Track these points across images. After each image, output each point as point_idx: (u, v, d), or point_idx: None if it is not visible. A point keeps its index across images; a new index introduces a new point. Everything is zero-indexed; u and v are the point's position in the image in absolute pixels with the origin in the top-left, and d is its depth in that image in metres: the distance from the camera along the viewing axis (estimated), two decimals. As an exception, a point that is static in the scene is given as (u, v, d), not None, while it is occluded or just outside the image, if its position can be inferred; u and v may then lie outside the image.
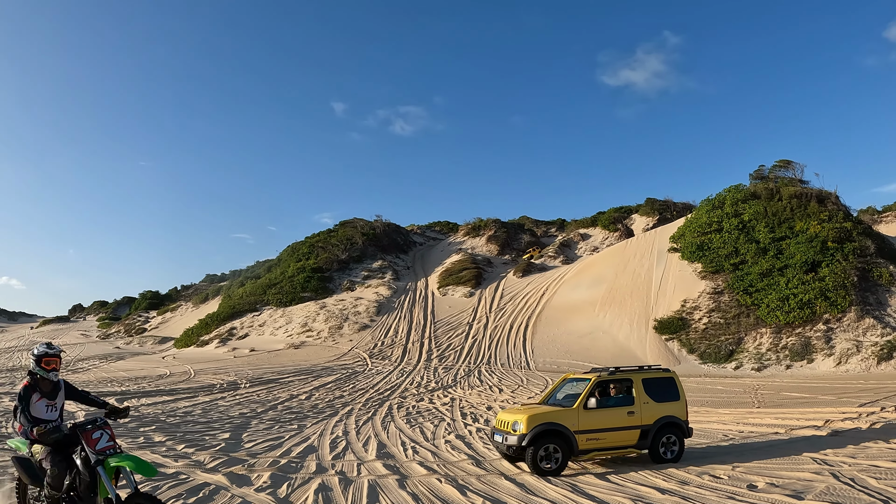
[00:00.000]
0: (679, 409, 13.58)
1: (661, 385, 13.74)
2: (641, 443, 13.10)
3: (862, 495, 9.20)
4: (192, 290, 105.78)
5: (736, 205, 51.15)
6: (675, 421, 13.38)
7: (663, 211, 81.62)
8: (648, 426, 13.15)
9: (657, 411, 13.30)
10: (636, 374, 13.71)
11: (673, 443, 13.30)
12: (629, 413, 13.15)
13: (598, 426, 12.79)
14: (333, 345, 51.86)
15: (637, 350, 41.89)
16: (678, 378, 14.04)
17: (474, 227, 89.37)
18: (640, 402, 13.29)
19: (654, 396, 13.45)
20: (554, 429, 12.46)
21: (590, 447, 12.70)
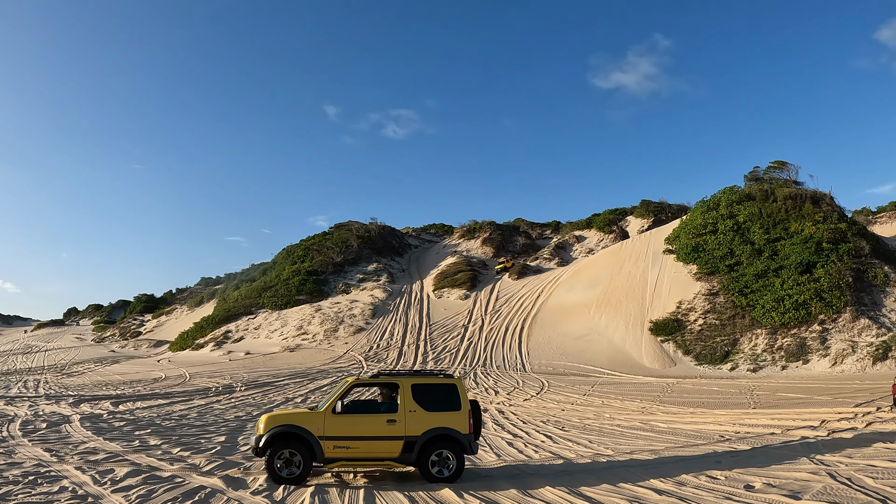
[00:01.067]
0: (458, 421, 11.85)
1: (438, 392, 12.11)
2: (405, 456, 11.60)
3: (859, 495, 9.19)
4: (187, 294, 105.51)
5: (731, 206, 51.24)
6: (451, 434, 11.73)
7: (658, 213, 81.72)
8: (414, 438, 11.63)
9: (427, 422, 11.73)
10: (405, 379, 12.16)
11: (447, 459, 11.68)
12: (389, 421, 11.71)
13: (348, 433, 11.52)
14: (329, 347, 51.77)
15: (633, 352, 41.91)
16: (462, 386, 12.30)
17: (469, 230, 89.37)
18: (406, 411, 11.78)
19: (424, 405, 11.87)
20: (293, 432, 11.39)
21: (338, 455, 11.48)
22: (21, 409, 23.15)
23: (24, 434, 16.84)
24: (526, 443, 16.13)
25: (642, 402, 24.47)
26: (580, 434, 17.31)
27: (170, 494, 10.13)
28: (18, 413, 21.67)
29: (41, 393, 31.01)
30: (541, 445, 15.68)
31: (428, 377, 12.36)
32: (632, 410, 22.36)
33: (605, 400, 25.87)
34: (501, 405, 25.22)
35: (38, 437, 16.47)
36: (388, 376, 12.37)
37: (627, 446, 15.09)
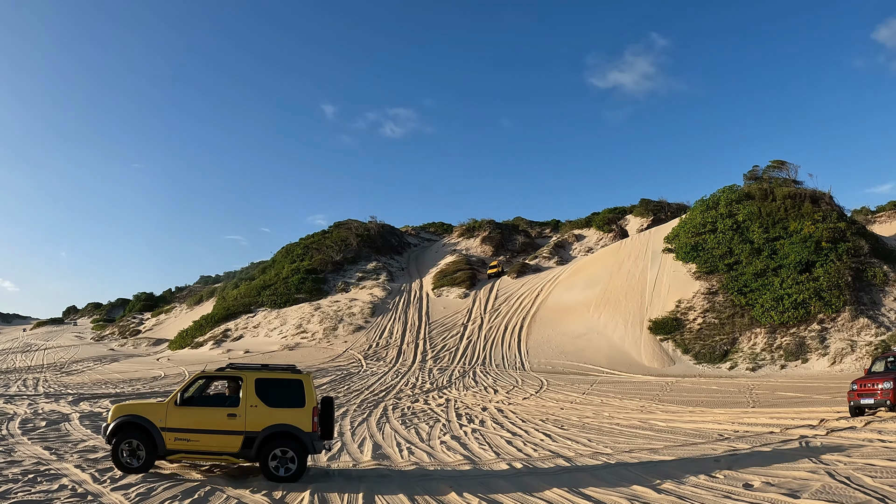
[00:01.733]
0: (301, 419, 11.56)
1: (281, 388, 11.87)
2: (245, 452, 11.39)
3: (858, 493, 9.21)
4: (186, 292, 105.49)
5: (730, 205, 51.26)
6: (292, 431, 11.47)
7: (657, 212, 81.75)
8: (255, 433, 11.42)
9: (268, 418, 11.54)
10: (249, 373, 11.98)
11: (290, 458, 11.41)
12: (230, 416, 11.54)
13: (190, 426, 11.39)
14: (328, 346, 51.77)
15: (632, 351, 41.93)
16: (310, 382, 12.02)
17: (469, 229, 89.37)
18: (247, 405, 11.60)
19: (267, 400, 11.67)
20: (136, 422, 11.33)
21: (179, 448, 11.37)
22: (20, 407, 23.15)
23: (23, 432, 16.84)
24: (525, 441, 16.15)
25: (641, 401, 24.49)
26: (579, 433, 17.32)
27: (169, 492, 10.13)
28: (18, 411, 21.67)
29: (40, 391, 31.00)
30: (540, 444, 15.69)
31: (274, 372, 12.13)
32: (631, 409, 22.38)
33: (604, 399, 25.89)
34: (500, 404, 25.24)
35: (37, 435, 16.47)
36: (234, 369, 12.23)
37: (626, 445, 15.11)
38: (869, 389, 17.69)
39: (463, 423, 19.97)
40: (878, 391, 17.37)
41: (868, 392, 17.68)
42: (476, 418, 21.22)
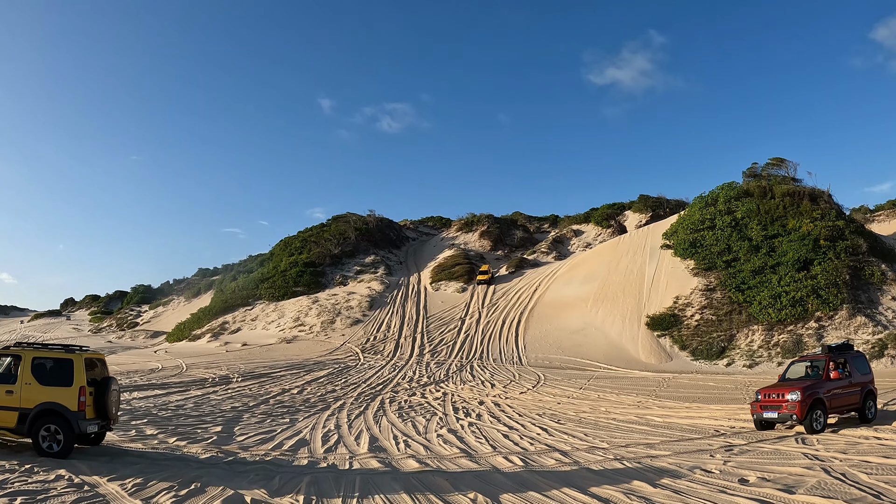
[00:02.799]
0: (68, 397, 11.82)
1: (54, 367, 12.16)
2: (20, 427, 11.70)
3: (853, 490, 9.23)
4: (184, 285, 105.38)
5: (729, 202, 51.28)
6: (58, 409, 11.72)
7: (656, 208, 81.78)
8: (28, 410, 11.69)
9: (40, 395, 11.82)
10: (28, 351, 12.30)
11: (56, 433, 11.71)
12: (7, 392, 11.82)
13: None
14: (325, 339, 51.79)
15: (629, 346, 41.98)
16: (80, 363, 12.22)
17: (467, 223, 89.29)
18: (23, 382, 11.91)
19: (40, 378, 11.98)
20: None
21: None
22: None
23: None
24: (521, 435, 16.18)
25: (638, 397, 24.54)
26: (576, 427, 17.35)
27: (166, 483, 10.15)
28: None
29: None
30: (536, 438, 15.72)
31: (49, 351, 12.50)
32: (627, 404, 22.42)
33: (600, 394, 25.93)
34: (498, 398, 25.27)
35: (34, 425, 16.45)
36: (16, 348, 12.50)
37: (623, 440, 15.14)
38: (773, 401, 15.61)
39: (460, 417, 20.00)
40: (784, 404, 15.29)
41: (772, 404, 15.58)
42: (473, 412, 21.25)
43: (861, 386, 16.74)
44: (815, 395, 15.45)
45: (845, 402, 16.35)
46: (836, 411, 16.25)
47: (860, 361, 17.64)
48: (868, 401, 16.74)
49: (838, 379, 16.35)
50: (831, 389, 15.94)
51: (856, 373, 16.93)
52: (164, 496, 9.39)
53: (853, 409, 16.59)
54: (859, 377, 16.93)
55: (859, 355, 17.99)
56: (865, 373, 17.27)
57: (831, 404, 15.81)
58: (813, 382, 15.92)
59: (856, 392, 16.56)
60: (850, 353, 17.70)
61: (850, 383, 16.53)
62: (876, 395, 17.26)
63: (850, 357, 17.40)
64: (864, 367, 17.48)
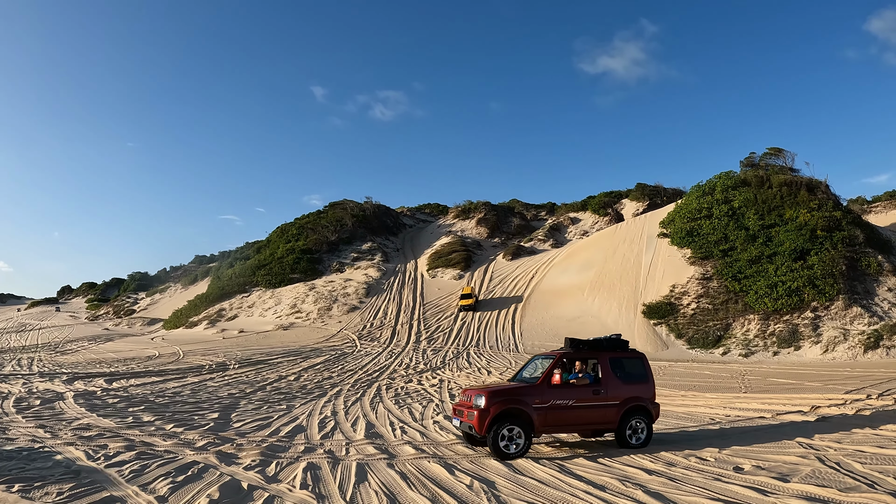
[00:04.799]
0: None
1: None
2: None
3: (847, 479, 9.28)
4: (180, 272, 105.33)
5: (726, 191, 51.29)
6: None
7: (653, 196, 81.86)
8: None
9: None
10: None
11: None
12: None
13: None
14: (322, 326, 51.84)
15: (625, 334, 42.07)
16: None
17: (464, 210, 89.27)
18: None
19: None
20: None
21: None
22: (15, 386, 23.17)
23: (17, 411, 16.86)
24: (518, 423, 16.22)
25: (634, 385, 24.59)
26: (572, 415, 17.40)
27: (163, 469, 10.17)
28: (12, 391, 21.68)
29: (35, 371, 31.03)
30: (533, 426, 15.78)
31: None
32: (623, 393, 22.47)
33: (597, 382, 25.98)
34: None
35: (31, 413, 16.49)
36: None
37: (619, 428, 15.19)
38: (465, 405, 12.53)
39: (456, 405, 20.05)
40: (466, 411, 12.24)
41: (462, 408, 12.52)
42: (469, 400, 21.29)
43: (622, 400, 12.85)
44: (511, 403, 11.99)
45: (586, 420, 12.65)
46: (566, 429, 12.84)
47: (631, 366, 13.48)
48: (633, 420, 12.85)
49: (570, 386, 12.67)
50: (550, 399, 12.27)
51: (614, 381, 12.97)
52: (160, 482, 9.42)
53: (605, 428, 12.90)
54: (621, 387, 12.98)
55: (634, 358, 13.64)
56: (637, 382, 13.29)
57: (550, 419, 12.22)
58: (518, 386, 12.54)
59: (610, 407, 12.72)
60: (616, 352, 13.53)
61: (601, 394, 12.72)
62: (653, 414, 13.21)
63: (612, 358, 13.26)
64: (636, 374, 13.40)
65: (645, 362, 13.75)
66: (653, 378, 13.71)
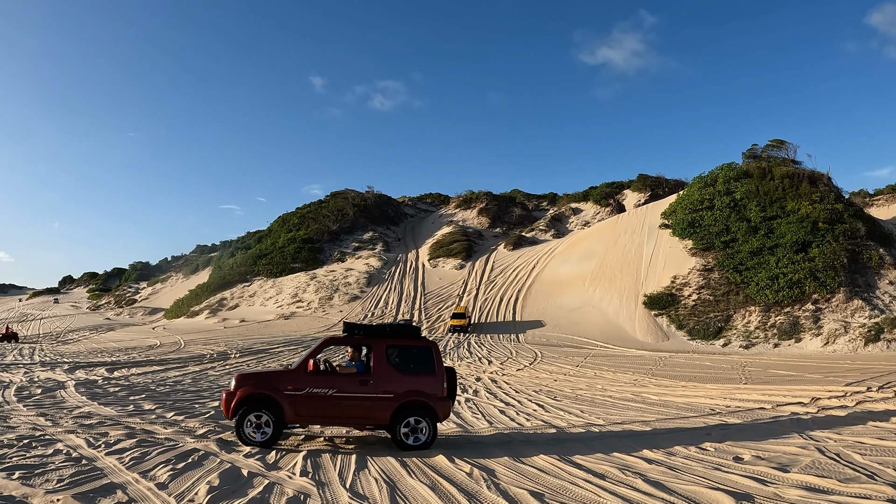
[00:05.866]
0: None
1: None
2: None
3: (847, 470, 9.28)
4: (182, 261, 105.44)
5: (728, 183, 51.22)
6: None
7: (655, 187, 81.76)
8: None
9: None
10: None
11: None
12: None
13: None
14: (324, 315, 51.91)
15: (626, 325, 42.10)
16: None
17: (465, 200, 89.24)
18: None
19: None
20: None
21: None
22: (16, 375, 23.20)
23: (18, 400, 16.88)
24: (518, 411, 16.25)
25: (634, 375, 24.64)
26: (572, 404, 17.43)
27: (164, 456, 10.18)
28: (14, 380, 21.72)
29: (36, 360, 31.09)
30: (533, 414, 15.79)
31: None
32: (624, 382, 22.51)
33: (597, 371, 26.04)
34: (494, 374, 25.36)
35: (32, 402, 16.52)
36: None
37: (619, 417, 15.21)
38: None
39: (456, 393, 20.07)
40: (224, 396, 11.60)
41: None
42: (469, 388, 21.33)
43: (397, 394, 11.47)
44: (259, 388, 11.35)
45: (349, 413, 11.52)
46: (326, 421, 11.89)
47: (414, 356, 11.92)
48: (412, 418, 11.43)
49: (334, 374, 11.70)
50: (306, 387, 11.34)
51: (388, 372, 11.63)
52: (160, 469, 9.43)
53: (375, 424, 11.63)
54: (397, 379, 11.60)
55: (419, 347, 11.94)
56: (420, 374, 11.74)
57: (303, 409, 11.35)
58: (274, 371, 12.29)
59: (380, 400, 11.42)
60: (397, 339, 11.96)
61: (369, 385, 11.49)
62: (438, 412, 11.57)
63: (389, 346, 11.82)
64: (419, 365, 11.82)
65: (434, 353, 11.87)
66: (443, 371, 11.74)
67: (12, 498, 7.77)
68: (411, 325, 12.28)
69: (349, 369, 11.74)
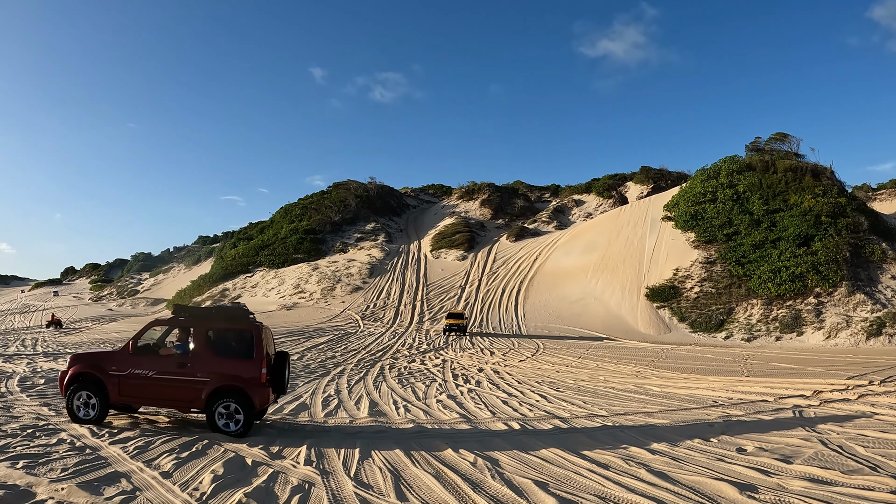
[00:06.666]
0: None
1: None
2: None
3: (850, 462, 9.30)
4: (184, 252, 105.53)
5: (731, 175, 51.11)
6: None
7: (658, 179, 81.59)
8: None
9: None
10: None
11: None
12: None
13: None
14: (325, 306, 51.94)
15: (628, 317, 42.10)
16: None
17: (468, 191, 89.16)
18: None
19: None
20: None
21: None
22: (19, 366, 23.22)
23: (22, 390, 16.90)
24: (521, 402, 16.27)
25: (636, 367, 24.66)
26: (574, 395, 17.45)
27: (168, 445, 10.21)
28: (17, 370, 21.73)
29: (39, 351, 31.13)
30: (535, 405, 15.81)
31: None
32: (626, 374, 22.53)
33: (599, 363, 26.06)
34: (497, 365, 25.39)
35: (36, 392, 16.53)
36: None
37: (621, 408, 15.22)
38: None
39: (459, 384, 20.10)
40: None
41: None
42: (472, 379, 21.36)
43: (214, 379, 11.29)
44: (87, 368, 11.61)
45: (168, 395, 11.45)
46: (148, 402, 11.79)
47: (234, 340, 11.78)
48: (226, 403, 11.23)
49: (156, 356, 11.68)
50: (129, 368, 11.41)
51: (207, 355, 11.49)
52: (165, 458, 9.45)
53: (192, 407, 11.48)
54: (214, 363, 11.43)
55: (240, 330, 11.74)
56: (238, 358, 11.53)
57: (125, 390, 11.44)
58: (105, 352, 12.22)
59: (197, 384, 11.29)
60: (219, 322, 11.90)
61: (187, 368, 11.40)
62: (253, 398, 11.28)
63: (210, 329, 11.75)
64: (238, 349, 11.64)
65: (255, 336, 11.55)
66: (262, 356, 11.46)
67: (17, 487, 7.79)
68: (240, 308, 12.12)
69: (171, 351, 11.76)
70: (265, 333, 11.89)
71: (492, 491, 8.10)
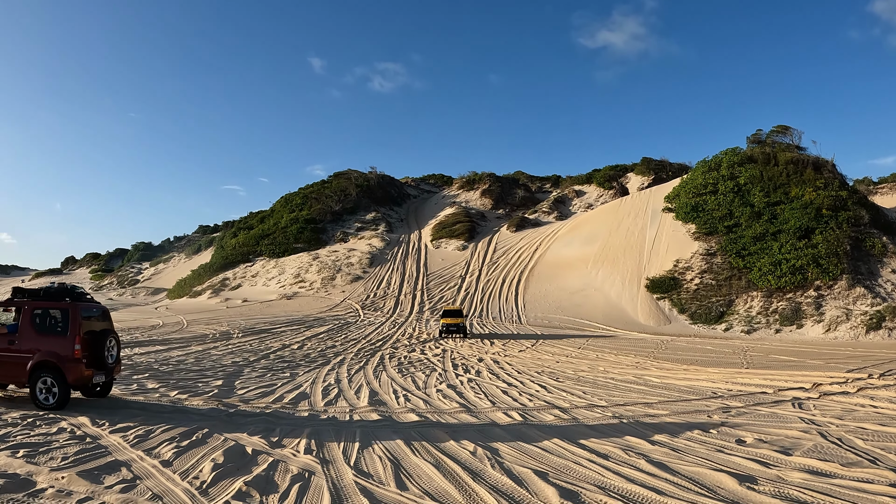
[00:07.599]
0: None
1: None
2: None
3: (849, 454, 9.31)
4: (184, 242, 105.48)
5: (732, 167, 51.02)
6: None
7: (659, 171, 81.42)
8: None
9: None
10: None
11: None
12: None
13: None
14: (326, 296, 51.96)
15: (628, 308, 42.12)
16: None
17: (469, 181, 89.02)
18: None
19: None
20: None
21: None
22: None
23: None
24: (520, 392, 16.29)
25: (636, 358, 24.68)
26: (574, 385, 17.47)
27: (168, 434, 10.23)
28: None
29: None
30: (535, 395, 15.83)
31: None
32: (626, 365, 22.55)
33: (599, 354, 26.08)
34: (497, 355, 25.42)
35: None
36: None
37: (621, 398, 15.24)
38: None
39: (459, 373, 20.12)
40: None
41: None
42: (472, 369, 21.38)
43: (36, 355, 11.98)
44: None
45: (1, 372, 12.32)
46: None
47: (53, 318, 12.37)
48: (44, 378, 11.95)
49: None
50: None
51: (30, 333, 12.21)
52: (165, 447, 9.48)
53: (19, 382, 12.31)
54: (36, 340, 12.12)
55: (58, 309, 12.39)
56: (55, 335, 12.14)
57: None
58: None
59: (22, 360, 12.04)
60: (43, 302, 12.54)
61: (14, 345, 12.15)
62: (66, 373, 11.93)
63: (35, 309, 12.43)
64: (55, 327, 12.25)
65: (70, 315, 12.23)
66: (76, 333, 12.07)
67: (17, 476, 7.81)
68: (66, 287, 12.87)
69: (3, 330, 12.36)
70: (79, 311, 12.37)
71: (492, 480, 8.11)
